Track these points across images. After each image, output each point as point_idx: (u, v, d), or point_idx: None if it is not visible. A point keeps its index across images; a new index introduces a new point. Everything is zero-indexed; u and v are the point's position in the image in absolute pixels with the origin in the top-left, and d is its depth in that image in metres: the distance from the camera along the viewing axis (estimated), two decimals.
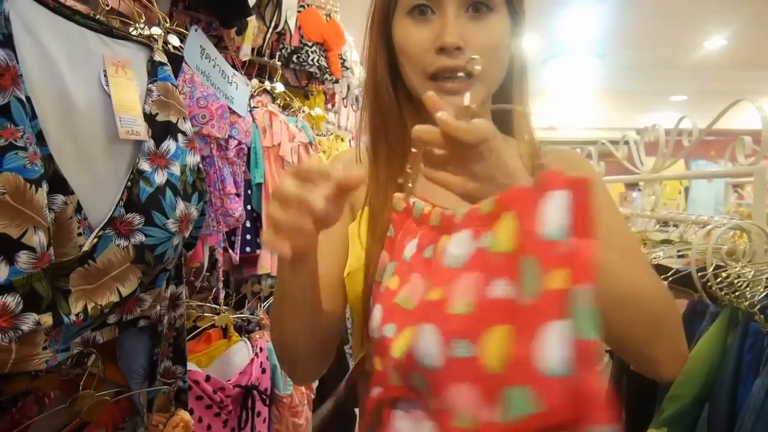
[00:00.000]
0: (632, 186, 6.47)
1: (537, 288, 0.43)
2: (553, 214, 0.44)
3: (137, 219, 0.86)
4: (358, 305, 0.77)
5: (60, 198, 0.76)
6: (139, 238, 0.86)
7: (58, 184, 0.76)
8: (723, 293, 1.23)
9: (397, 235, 0.67)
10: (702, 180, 6.54)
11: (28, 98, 0.72)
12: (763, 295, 1.13)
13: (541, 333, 0.42)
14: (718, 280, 1.26)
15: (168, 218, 0.90)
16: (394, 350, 0.55)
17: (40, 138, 0.74)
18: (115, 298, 0.83)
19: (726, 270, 1.28)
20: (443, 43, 0.74)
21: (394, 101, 0.85)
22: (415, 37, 0.78)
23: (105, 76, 0.88)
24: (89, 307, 0.79)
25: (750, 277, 1.21)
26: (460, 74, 0.76)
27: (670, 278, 1.54)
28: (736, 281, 1.22)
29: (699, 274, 1.34)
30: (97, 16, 1.00)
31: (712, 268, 1.30)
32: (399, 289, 0.61)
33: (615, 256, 0.69)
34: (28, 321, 0.69)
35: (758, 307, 1.11)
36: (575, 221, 0.43)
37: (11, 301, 0.67)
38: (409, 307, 0.57)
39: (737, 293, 1.19)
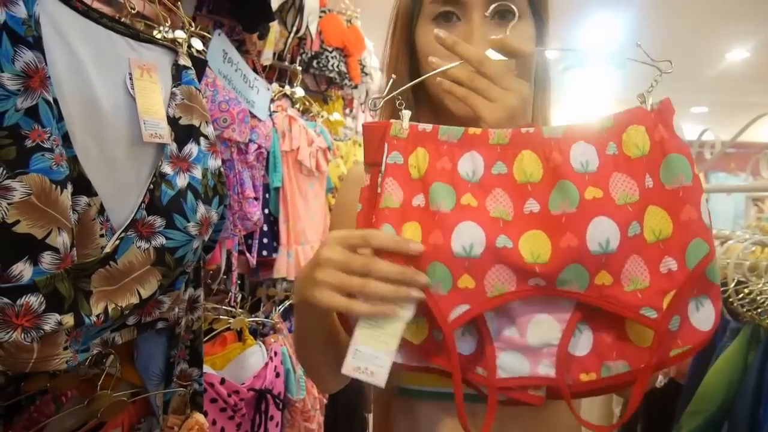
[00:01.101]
0: None
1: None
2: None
3: (158, 221, 0.87)
4: None
5: (84, 199, 0.77)
6: (160, 240, 0.86)
7: (82, 185, 0.77)
8: (745, 309, 1.21)
9: (408, 160, 0.65)
10: (721, 193, 6.46)
11: (55, 100, 0.72)
12: None
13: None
14: (740, 296, 1.24)
15: (189, 221, 0.90)
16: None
17: (66, 139, 0.74)
18: (135, 300, 0.83)
19: (748, 286, 1.27)
20: None
21: (413, 108, 0.82)
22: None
23: (130, 79, 0.89)
24: (110, 309, 0.79)
25: None
26: None
27: None
28: (758, 298, 1.20)
29: (720, 289, 1.32)
30: (123, 19, 1.01)
31: (733, 284, 1.28)
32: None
33: None
34: (51, 321, 0.69)
35: None
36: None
37: (34, 301, 0.67)
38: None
39: (759, 310, 1.17)
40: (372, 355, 0.62)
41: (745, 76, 6.67)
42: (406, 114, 0.67)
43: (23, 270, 0.66)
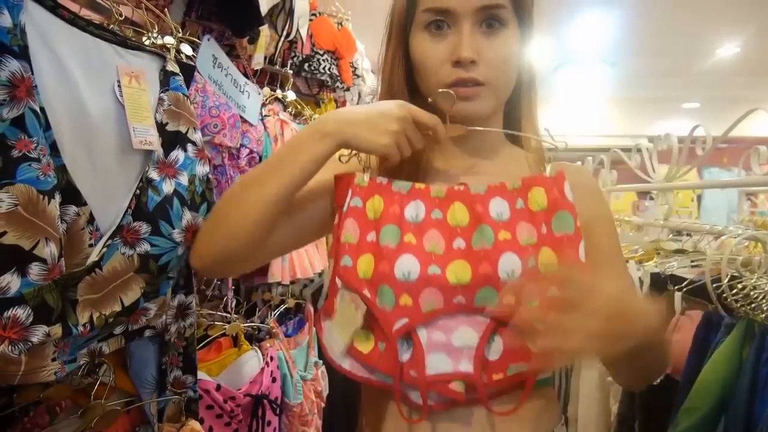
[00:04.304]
0: (644, 194, 6.43)
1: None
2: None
3: (144, 228, 0.86)
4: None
5: (72, 209, 0.76)
6: (145, 247, 0.86)
7: (70, 194, 0.76)
8: (738, 305, 1.21)
9: (366, 204, 0.82)
10: (715, 188, 6.48)
11: (42, 109, 0.72)
12: None
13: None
14: (734, 291, 1.25)
15: (174, 228, 0.89)
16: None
17: (54, 149, 0.74)
18: (117, 308, 0.82)
19: (741, 281, 1.27)
20: (459, 57, 0.80)
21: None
22: (433, 52, 0.84)
23: (119, 86, 0.88)
24: (95, 317, 0.79)
25: (766, 288, 1.19)
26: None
27: (684, 289, 1.52)
28: (752, 293, 1.21)
29: (714, 285, 1.32)
30: (111, 26, 1.01)
31: (727, 279, 1.28)
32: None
33: None
34: (38, 333, 0.68)
35: None
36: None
37: (22, 313, 0.66)
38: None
39: (753, 305, 1.17)
40: (335, 340, 0.81)
41: (736, 71, 6.71)
42: (368, 170, 0.85)
43: (10, 282, 0.65)
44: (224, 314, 1.58)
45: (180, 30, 1.22)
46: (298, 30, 1.91)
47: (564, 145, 0.85)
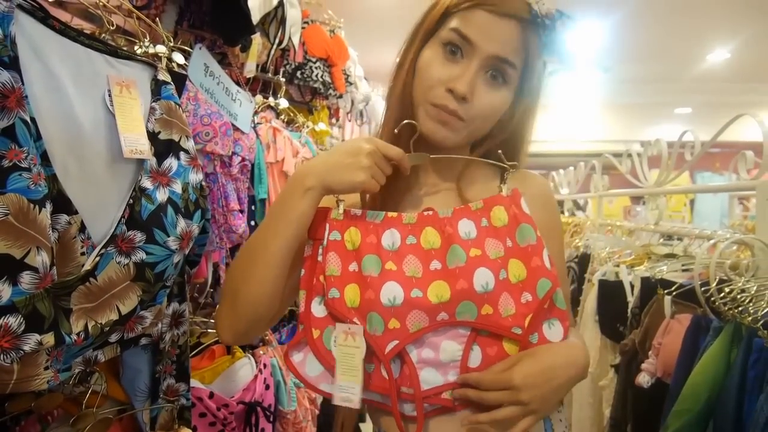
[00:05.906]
0: (637, 199, 6.46)
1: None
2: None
3: (138, 236, 0.87)
4: None
5: (64, 218, 0.77)
6: (140, 255, 0.86)
7: (62, 203, 0.77)
8: (726, 308, 1.23)
9: (344, 237, 0.87)
10: (707, 193, 6.52)
11: (33, 119, 0.72)
12: (766, 310, 1.13)
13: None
14: (722, 294, 1.26)
15: (169, 236, 0.90)
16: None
17: (45, 158, 0.74)
18: (114, 316, 0.83)
19: (730, 284, 1.28)
20: (455, 87, 0.84)
21: (410, 106, 0.92)
22: (437, 69, 0.87)
23: (109, 95, 0.89)
24: (89, 326, 0.79)
25: (753, 291, 1.21)
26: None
27: (674, 293, 1.54)
28: (739, 296, 1.22)
29: (702, 288, 1.34)
30: (103, 35, 1.02)
31: (715, 283, 1.30)
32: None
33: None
34: (31, 341, 0.69)
35: (761, 322, 1.10)
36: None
37: (13, 321, 0.67)
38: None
39: (740, 308, 1.18)
40: (349, 387, 0.83)
41: (727, 77, 6.76)
42: (341, 204, 0.89)
43: (2, 290, 0.66)
44: None
45: (172, 39, 1.23)
46: (290, 38, 1.92)
47: (515, 167, 0.89)
